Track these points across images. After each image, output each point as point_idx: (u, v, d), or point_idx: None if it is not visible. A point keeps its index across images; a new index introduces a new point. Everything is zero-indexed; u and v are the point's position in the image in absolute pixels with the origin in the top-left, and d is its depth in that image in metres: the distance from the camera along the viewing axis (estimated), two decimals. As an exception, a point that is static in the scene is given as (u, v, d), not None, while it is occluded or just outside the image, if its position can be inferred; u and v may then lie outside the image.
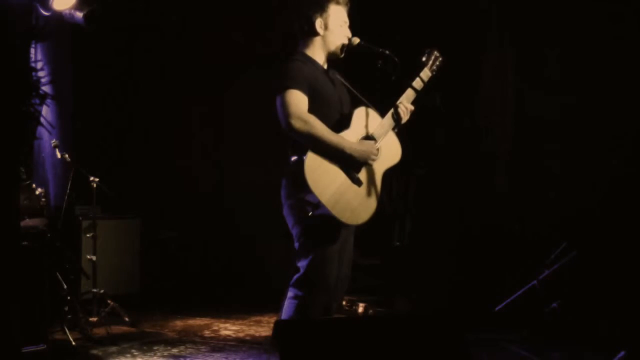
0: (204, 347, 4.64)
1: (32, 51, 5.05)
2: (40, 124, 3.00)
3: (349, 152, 3.27)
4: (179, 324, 5.32)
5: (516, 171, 5.76)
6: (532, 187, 5.62)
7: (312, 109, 3.28)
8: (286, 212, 3.38)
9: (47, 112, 5.39)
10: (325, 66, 3.51)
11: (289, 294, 3.35)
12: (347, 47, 3.48)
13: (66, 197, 5.23)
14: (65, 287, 4.74)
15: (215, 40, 6.67)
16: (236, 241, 6.65)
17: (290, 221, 3.38)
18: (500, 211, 5.70)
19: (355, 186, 3.29)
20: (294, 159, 3.29)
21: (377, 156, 3.35)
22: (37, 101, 2.79)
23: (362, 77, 3.55)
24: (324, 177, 3.21)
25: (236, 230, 6.65)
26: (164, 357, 4.39)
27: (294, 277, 3.35)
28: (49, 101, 2.88)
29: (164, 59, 6.71)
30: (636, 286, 4.57)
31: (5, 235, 2.70)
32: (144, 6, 6.41)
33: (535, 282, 4.79)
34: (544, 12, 5.54)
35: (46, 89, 2.81)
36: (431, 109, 5.32)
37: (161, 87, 6.71)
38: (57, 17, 5.26)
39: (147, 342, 4.72)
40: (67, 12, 5.25)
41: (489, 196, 5.79)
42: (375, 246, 5.52)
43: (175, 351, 4.52)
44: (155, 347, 4.59)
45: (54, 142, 5.08)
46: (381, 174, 3.40)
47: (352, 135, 3.34)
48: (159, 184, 6.60)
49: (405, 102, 3.45)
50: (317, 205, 3.18)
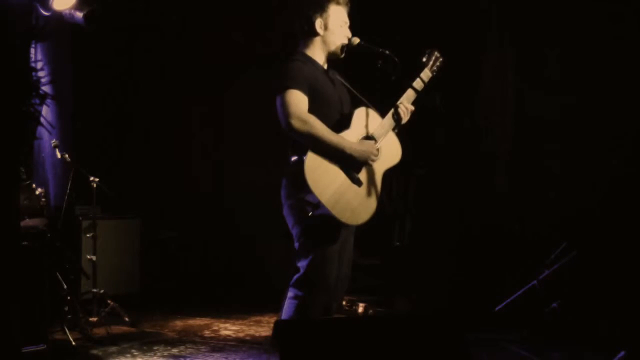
0: (204, 347, 4.64)
1: (32, 51, 5.04)
2: (40, 124, 3.00)
3: (349, 152, 3.27)
4: (179, 324, 5.32)
5: (516, 171, 5.75)
6: (532, 187, 5.62)
7: (312, 109, 3.28)
8: (286, 212, 3.39)
9: (47, 112, 5.39)
10: (325, 66, 3.51)
11: (289, 294, 3.35)
12: (347, 47, 3.48)
13: (66, 197, 5.23)
14: (65, 287, 4.74)
15: (215, 40, 6.66)
16: (236, 241, 6.65)
17: (290, 221, 3.38)
18: (500, 211, 5.70)
19: (355, 186, 3.29)
20: (294, 159, 3.29)
21: (377, 156, 3.35)
22: (37, 101, 2.79)
23: (362, 77, 3.55)
24: (324, 177, 3.21)
25: (236, 230, 6.64)
26: (164, 357, 4.39)
27: (294, 277, 3.35)
28: (49, 101, 2.88)
29: (164, 59, 6.71)
30: (636, 286, 4.57)
31: (5, 235, 2.70)
32: (144, 6, 6.40)
33: (535, 282, 4.78)
34: (544, 12, 5.54)
35: (46, 89, 2.81)
36: (431, 109, 5.31)
37: (161, 87, 6.70)
38: (57, 17, 5.26)
39: (147, 342, 4.72)
40: (67, 12, 5.25)
41: (489, 196, 5.79)
42: (375, 246, 5.51)
43: (175, 351, 4.52)
44: (155, 347, 4.59)
45: (54, 142, 5.08)
46: (381, 174, 3.40)
47: (352, 135, 3.34)
48: (159, 184, 6.59)
49: (405, 103, 3.45)
50: (317, 205, 3.18)
